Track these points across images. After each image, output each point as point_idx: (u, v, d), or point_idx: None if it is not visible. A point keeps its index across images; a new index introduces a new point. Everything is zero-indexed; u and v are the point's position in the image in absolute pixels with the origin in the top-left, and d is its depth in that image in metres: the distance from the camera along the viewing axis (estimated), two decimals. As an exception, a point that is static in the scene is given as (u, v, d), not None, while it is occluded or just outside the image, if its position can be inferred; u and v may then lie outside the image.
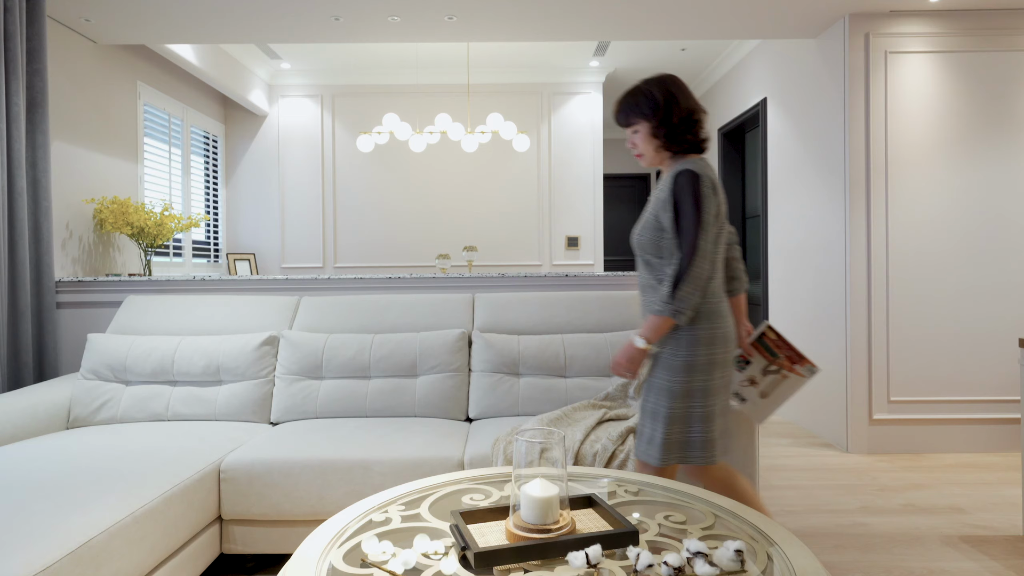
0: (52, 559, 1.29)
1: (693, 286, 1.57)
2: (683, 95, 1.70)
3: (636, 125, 1.72)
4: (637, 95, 1.70)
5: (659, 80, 1.71)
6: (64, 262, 3.32)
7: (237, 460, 1.99)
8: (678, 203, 1.61)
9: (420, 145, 4.58)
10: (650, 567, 1.04)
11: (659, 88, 1.69)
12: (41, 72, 2.90)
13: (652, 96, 1.68)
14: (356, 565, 1.13)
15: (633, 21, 3.54)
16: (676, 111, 1.68)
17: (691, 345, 1.63)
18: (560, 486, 1.20)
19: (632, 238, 1.69)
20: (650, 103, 1.68)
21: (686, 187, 1.60)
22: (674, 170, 1.65)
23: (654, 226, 1.66)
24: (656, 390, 1.67)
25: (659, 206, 1.65)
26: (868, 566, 2.12)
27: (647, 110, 1.69)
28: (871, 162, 3.40)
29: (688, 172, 1.61)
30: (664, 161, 1.74)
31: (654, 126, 1.69)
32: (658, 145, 1.71)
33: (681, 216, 1.60)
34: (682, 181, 1.61)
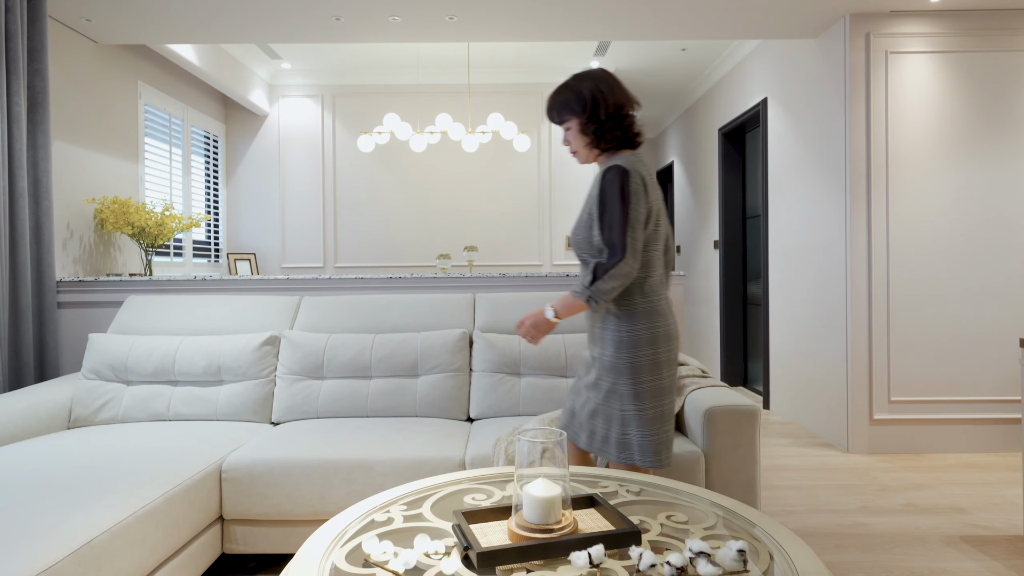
0: (54, 559, 1.29)
1: (616, 282, 1.56)
2: (612, 90, 1.65)
3: (568, 122, 1.69)
4: (566, 91, 1.66)
5: (588, 75, 1.67)
6: (65, 262, 3.32)
7: (238, 460, 1.99)
8: (605, 199, 1.58)
9: (421, 145, 4.58)
10: (653, 567, 1.04)
11: (587, 84, 1.65)
12: (42, 72, 2.90)
13: (580, 92, 1.64)
14: (359, 565, 1.13)
15: (634, 21, 3.54)
16: (604, 106, 1.63)
17: (633, 346, 1.61)
18: (562, 486, 1.20)
19: (570, 237, 1.69)
20: (578, 99, 1.64)
21: (613, 183, 1.57)
22: (604, 167, 1.62)
23: (587, 224, 1.63)
24: (605, 393, 1.65)
25: (591, 203, 1.63)
26: (869, 566, 2.12)
27: (576, 106, 1.65)
28: (872, 162, 3.40)
29: (616, 168, 1.58)
30: (597, 158, 1.71)
31: (583, 122, 1.65)
32: (588, 142, 1.67)
33: (607, 212, 1.57)
34: (610, 177, 1.58)
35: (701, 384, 2.27)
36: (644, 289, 1.63)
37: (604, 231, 1.57)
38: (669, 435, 1.66)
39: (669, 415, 1.66)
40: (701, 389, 2.23)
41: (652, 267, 1.65)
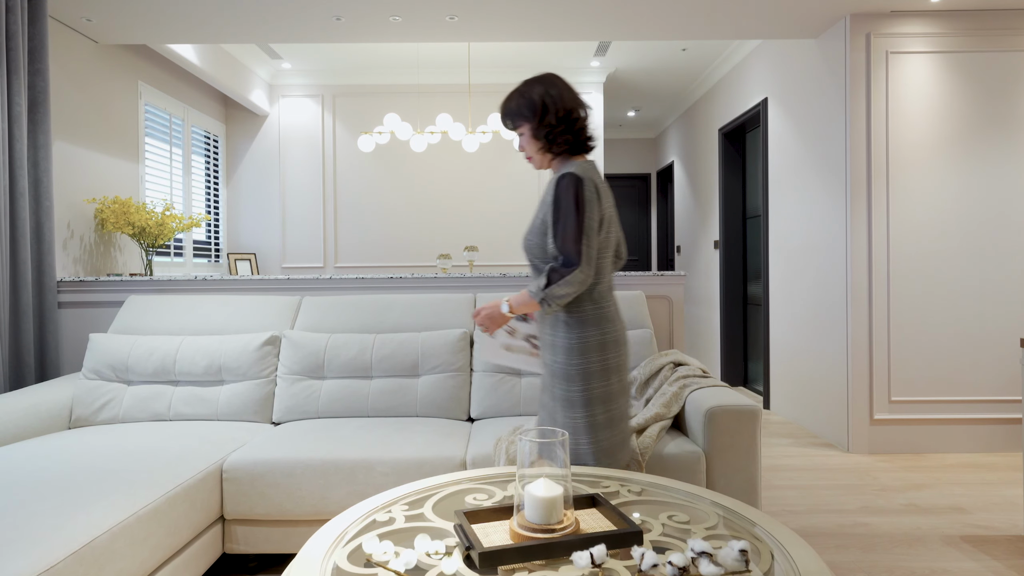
0: (55, 559, 1.29)
1: (570, 289, 1.56)
2: (561, 95, 1.65)
3: (521, 128, 1.68)
4: (517, 98, 1.66)
5: (538, 81, 1.67)
6: (65, 262, 3.32)
7: (239, 460, 1.99)
8: (559, 207, 1.57)
9: (421, 145, 4.58)
10: (655, 567, 1.04)
11: (537, 89, 1.64)
12: (43, 72, 2.90)
13: (530, 98, 1.64)
14: (360, 565, 1.13)
15: (634, 21, 3.54)
16: (554, 111, 1.63)
17: (583, 353, 1.61)
18: (564, 486, 1.20)
19: (522, 242, 1.69)
20: (529, 105, 1.64)
21: (568, 191, 1.57)
22: (557, 173, 1.61)
23: (541, 231, 1.62)
24: (561, 401, 1.63)
25: (544, 210, 1.62)
26: (870, 566, 2.12)
27: (527, 112, 1.64)
28: (872, 162, 3.40)
29: (571, 175, 1.58)
30: (550, 163, 1.70)
31: (535, 127, 1.65)
32: (540, 147, 1.67)
33: (562, 220, 1.56)
34: (564, 184, 1.57)
35: (702, 384, 2.27)
36: (594, 295, 1.64)
37: (558, 239, 1.57)
38: (618, 439, 1.65)
39: (619, 419, 1.66)
40: (702, 389, 2.23)
41: (603, 273, 1.65)
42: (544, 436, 1.24)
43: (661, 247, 7.61)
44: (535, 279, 1.62)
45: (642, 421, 2.14)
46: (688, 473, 2.00)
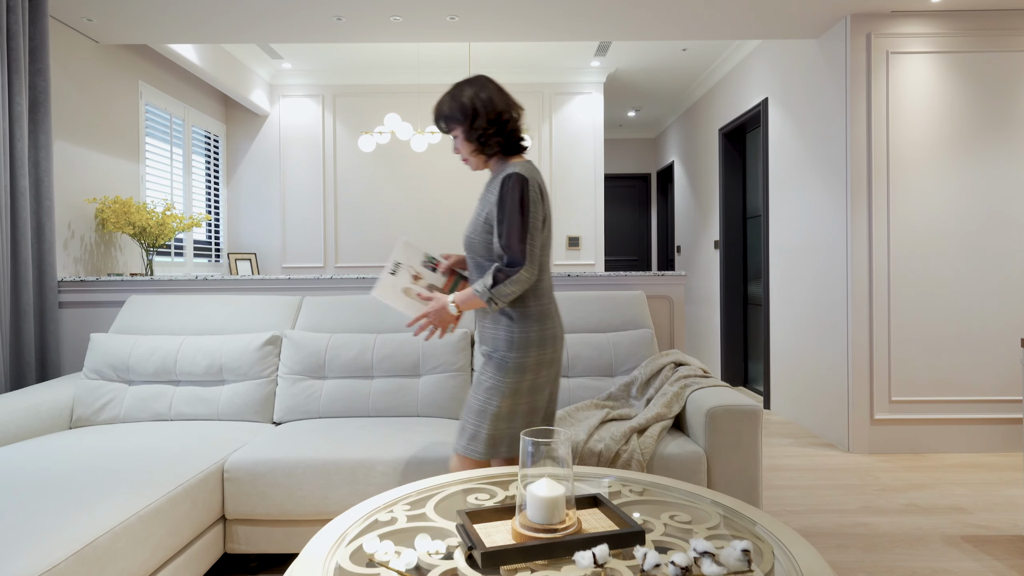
0: (57, 559, 1.29)
1: (516, 287, 1.62)
2: (491, 97, 1.67)
3: (455, 130, 1.70)
4: (449, 101, 1.68)
5: (468, 83, 1.70)
6: (66, 262, 3.32)
7: (241, 460, 1.99)
8: (505, 207, 1.62)
9: (421, 145, 4.58)
10: (657, 567, 1.04)
11: (468, 92, 1.67)
12: (43, 72, 2.90)
13: (461, 101, 1.66)
14: (362, 565, 1.13)
15: (635, 21, 3.54)
16: (484, 114, 1.66)
17: (523, 347, 1.67)
18: (566, 486, 1.20)
19: (463, 240, 1.74)
20: (460, 108, 1.66)
21: (514, 192, 1.61)
22: (502, 173, 1.65)
23: (485, 228, 1.67)
24: (486, 389, 1.68)
25: (489, 209, 1.66)
26: (871, 566, 2.12)
27: (458, 115, 1.67)
28: (872, 162, 3.40)
29: (517, 176, 1.62)
30: (486, 164, 1.74)
31: (467, 130, 1.68)
32: (473, 148, 1.70)
33: (508, 220, 1.61)
34: (511, 185, 1.62)
35: (703, 384, 2.27)
36: (537, 292, 1.70)
37: (504, 238, 1.61)
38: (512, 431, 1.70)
39: (525, 413, 1.71)
40: (703, 389, 2.24)
41: (545, 270, 1.71)
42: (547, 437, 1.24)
43: (661, 247, 7.61)
44: (478, 277, 1.70)
45: (643, 421, 2.14)
46: (689, 473, 2.00)
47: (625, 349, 2.60)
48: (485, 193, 1.71)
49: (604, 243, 5.64)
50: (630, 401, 2.46)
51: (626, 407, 2.39)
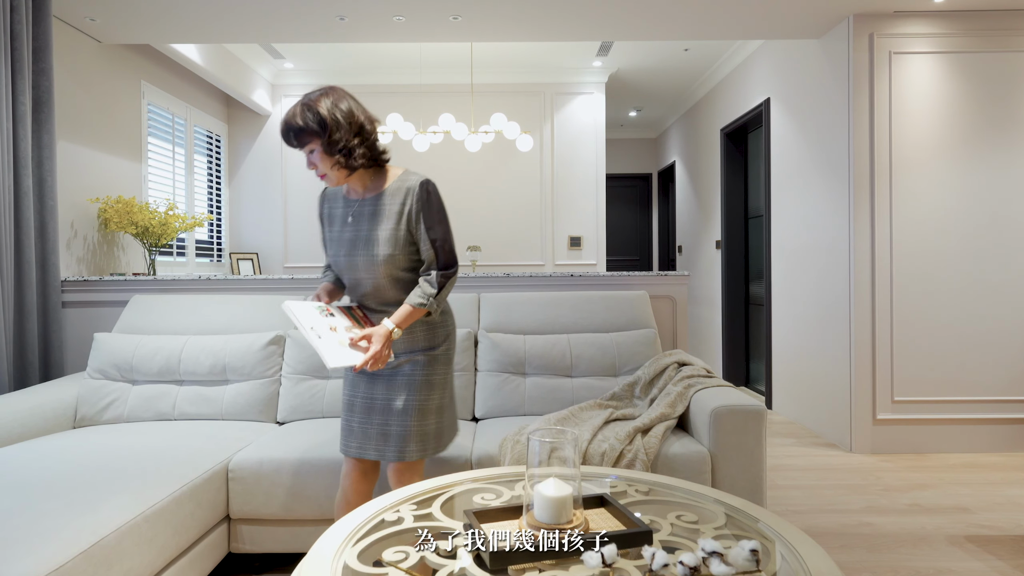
0: (65, 558, 1.29)
1: (452, 287, 1.71)
2: (351, 109, 1.64)
3: (310, 144, 1.61)
4: (305, 113, 1.59)
5: (323, 93, 1.63)
6: (69, 261, 3.32)
7: (245, 459, 1.99)
8: (430, 214, 1.66)
9: (423, 145, 4.58)
10: (665, 567, 1.04)
11: (324, 102, 1.61)
12: (47, 72, 2.90)
13: (319, 113, 1.58)
14: (370, 564, 1.13)
15: (637, 22, 3.54)
16: (348, 124, 1.61)
17: (445, 340, 1.76)
18: (573, 486, 1.20)
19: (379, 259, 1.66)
20: (317, 119, 1.58)
21: (434, 197, 1.67)
22: (407, 183, 1.67)
23: (406, 241, 1.66)
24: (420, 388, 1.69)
25: (404, 221, 1.65)
26: (874, 566, 2.12)
27: (316, 127, 1.59)
28: (875, 162, 3.40)
29: (430, 182, 1.68)
30: (347, 178, 1.67)
31: (325, 143, 1.60)
32: (335, 162, 1.62)
33: (436, 225, 1.66)
34: (430, 192, 1.67)
35: (706, 384, 2.27)
36: None
37: (439, 243, 1.67)
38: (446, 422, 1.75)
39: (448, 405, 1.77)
40: (707, 389, 2.24)
41: None
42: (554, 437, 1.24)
43: (662, 247, 7.61)
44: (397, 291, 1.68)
45: (647, 421, 2.14)
46: (694, 473, 2.00)
47: (628, 349, 2.60)
48: (384, 206, 1.66)
49: (606, 243, 5.63)
50: (634, 401, 2.46)
51: (630, 407, 2.40)
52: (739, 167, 5.22)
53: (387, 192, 1.68)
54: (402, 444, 1.68)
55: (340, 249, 1.72)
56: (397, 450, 1.68)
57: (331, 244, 1.76)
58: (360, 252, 1.68)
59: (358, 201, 1.71)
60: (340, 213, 1.74)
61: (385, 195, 1.68)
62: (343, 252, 1.71)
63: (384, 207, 1.67)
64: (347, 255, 1.70)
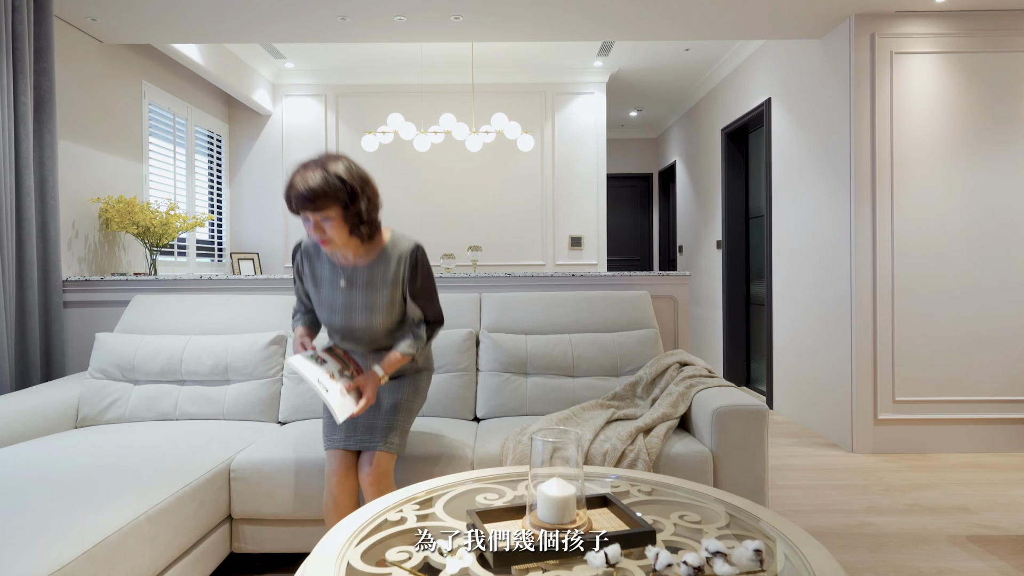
0: (68, 558, 1.29)
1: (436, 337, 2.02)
2: (365, 173, 1.70)
3: (328, 211, 1.61)
4: (327, 177, 1.59)
5: (335, 158, 1.65)
6: (70, 261, 3.32)
7: (247, 459, 1.99)
8: (422, 275, 1.80)
9: (424, 145, 4.58)
10: (669, 567, 1.04)
11: (342, 166, 1.63)
12: (48, 71, 2.90)
13: (342, 177, 1.61)
14: (373, 564, 1.13)
15: (638, 22, 3.54)
16: (370, 193, 1.69)
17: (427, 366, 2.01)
18: (577, 486, 1.20)
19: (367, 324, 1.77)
20: (343, 185, 1.60)
21: (424, 263, 1.80)
22: (397, 249, 1.77)
23: (398, 305, 1.79)
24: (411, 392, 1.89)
25: (400, 289, 1.77)
26: (876, 565, 2.12)
27: (345, 196, 1.61)
28: (876, 162, 3.40)
29: (419, 248, 1.80)
30: (351, 243, 1.71)
31: (344, 210, 1.63)
32: (350, 230, 1.66)
33: (426, 289, 1.81)
34: (420, 258, 1.79)
35: (708, 384, 2.27)
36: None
37: (430, 304, 1.83)
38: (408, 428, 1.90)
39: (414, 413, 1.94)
40: (708, 389, 2.24)
41: None
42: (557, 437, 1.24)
43: (663, 247, 7.61)
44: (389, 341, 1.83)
45: (649, 421, 2.14)
46: (696, 473, 2.00)
47: (630, 349, 2.60)
48: (379, 274, 1.75)
49: (606, 243, 5.63)
50: (635, 401, 2.46)
51: (631, 407, 2.40)
52: (740, 167, 5.22)
53: (380, 260, 1.77)
54: (387, 434, 1.81)
55: (334, 314, 1.78)
56: (383, 438, 1.80)
57: (322, 307, 1.81)
58: (358, 317, 1.77)
59: (350, 268, 1.76)
60: (328, 277, 1.79)
61: (379, 263, 1.76)
62: (338, 317, 1.78)
63: (378, 275, 1.76)
64: (344, 320, 1.78)
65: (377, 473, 1.76)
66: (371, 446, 1.80)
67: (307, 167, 1.62)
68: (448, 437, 2.17)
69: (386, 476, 1.78)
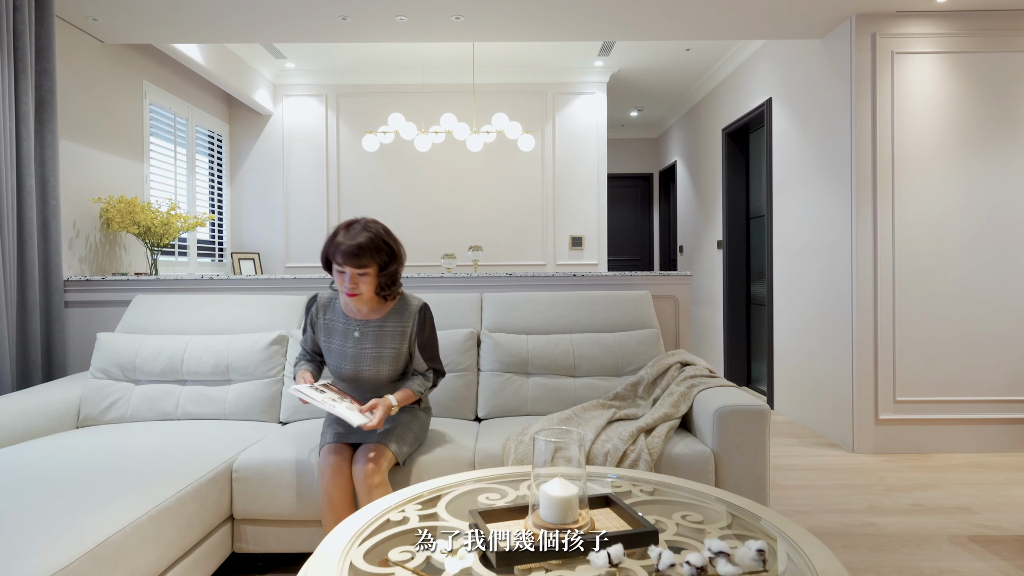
0: (71, 558, 1.29)
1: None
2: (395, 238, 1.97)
3: (368, 268, 1.85)
4: (375, 240, 1.86)
5: (374, 221, 1.94)
6: (71, 261, 3.32)
7: (249, 459, 1.99)
8: (428, 330, 2.03)
9: (425, 145, 4.58)
10: (672, 567, 1.04)
11: (388, 236, 1.92)
12: (49, 71, 2.90)
13: (387, 243, 1.89)
14: (376, 563, 1.13)
15: (639, 21, 3.54)
16: (400, 258, 1.94)
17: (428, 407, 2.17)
18: (579, 485, 1.20)
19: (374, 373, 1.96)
20: (390, 251, 1.89)
21: (430, 321, 2.05)
22: (409, 306, 2.00)
23: (405, 357, 2.00)
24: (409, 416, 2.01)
25: (407, 342, 1.99)
26: (878, 566, 2.12)
27: (385, 257, 1.88)
28: (877, 162, 3.40)
29: (428, 308, 2.05)
30: (372, 300, 1.94)
31: (381, 270, 1.88)
32: (379, 286, 1.91)
33: (432, 340, 2.05)
34: (428, 315, 2.04)
35: (709, 384, 2.27)
36: None
37: (430, 355, 2.04)
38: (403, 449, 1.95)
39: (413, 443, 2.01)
40: (710, 389, 2.24)
41: None
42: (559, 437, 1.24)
43: (663, 247, 7.61)
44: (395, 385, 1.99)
45: (650, 421, 2.14)
46: (697, 473, 2.00)
47: (631, 349, 2.60)
48: (389, 328, 1.96)
49: (607, 243, 5.63)
50: (636, 401, 2.46)
51: (632, 407, 2.40)
52: (740, 167, 5.22)
53: (391, 315, 1.98)
54: (384, 436, 1.89)
55: (344, 362, 1.96)
56: (380, 436, 1.89)
57: (333, 355, 1.99)
58: (366, 366, 1.96)
59: (363, 321, 1.97)
60: (341, 328, 1.98)
61: (390, 317, 1.98)
62: (347, 365, 1.96)
63: (389, 329, 1.97)
64: (352, 369, 1.96)
65: (370, 467, 1.77)
66: (367, 439, 1.88)
67: (351, 226, 1.88)
68: (449, 437, 2.17)
69: (379, 472, 1.78)
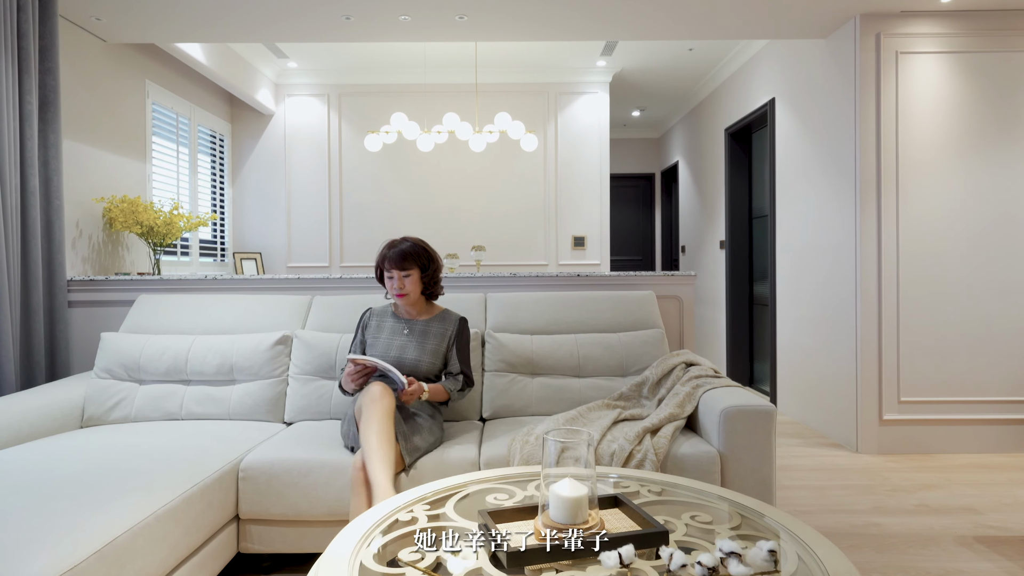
0: (79, 558, 1.29)
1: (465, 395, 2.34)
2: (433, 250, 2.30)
3: (411, 270, 2.20)
4: (416, 248, 2.22)
5: (422, 241, 2.27)
6: (74, 261, 3.32)
7: (256, 459, 1.99)
8: (464, 343, 2.31)
9: (428, 144, 4.58)
10: (683, 567, 1.04)
11: (426, 246, 2.26)
12: (53, 71, 2.90)
13: (426, 250, 2.25)
14: (385, 564, 1.13)
15: (642, 21, 3.53)
16: (437, 264, 2.29)
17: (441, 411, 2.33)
18: (589, 486, 1.20)
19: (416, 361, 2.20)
20: (428, 256, 2.25)
21: (467, 333, 2.34)
22: (450, 316, 2.32)
23: (443, 355, 2.26)
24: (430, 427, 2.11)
25: (446, 343, 2.26)
26: (883, 566, 2.12)
27: (425, 260, 2.24)
28: (881, 162, 3.39)
29: (466, 320, 2.35)
30: (418, 302, 2.29)
31: (422, 272, 2.23)
32: (423, 288, 2.26)
33: (466, 352, 2.31)
34: (465, 326, 2.33)
35: (715, 384, 2.27)
36: None
37: (463, 364, 2.28)
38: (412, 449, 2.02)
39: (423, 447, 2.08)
40: (715, 389, 2.23)
41: None
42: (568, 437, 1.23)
43: (665, 247, 7.60)
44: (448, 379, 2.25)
45: (656, 421, 2.14)
46: (703, 473, 1.99)
47: (636, 349, 2.60)
48: (434, 328, 2.26)
49: (609, 243, 5.62)
50: (641, 401, 2.45)
51: (638, 407, 2.39)
52: (743, 167, 5.21)
53: (436, 319, 2.30)
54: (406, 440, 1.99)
55: (390, 351, 2.21)
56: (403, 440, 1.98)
57: (378, 344, 2.24)
58: (410, 355, 2.21)
59: (410, 320, 2.28)
60: (390, 326, 2.28)
61: (434, 321, 2.29)
62: (393, 353, 2.21)
63: (433, 329, 2.27)
64: (397, 356, 2.20)
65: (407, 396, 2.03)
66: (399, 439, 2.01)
67: (395, 242, 2.23)
68: (455, 437, 2.16)
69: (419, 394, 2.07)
